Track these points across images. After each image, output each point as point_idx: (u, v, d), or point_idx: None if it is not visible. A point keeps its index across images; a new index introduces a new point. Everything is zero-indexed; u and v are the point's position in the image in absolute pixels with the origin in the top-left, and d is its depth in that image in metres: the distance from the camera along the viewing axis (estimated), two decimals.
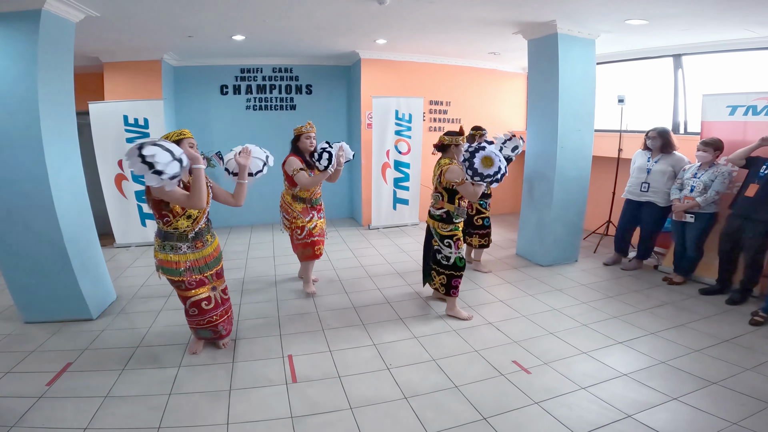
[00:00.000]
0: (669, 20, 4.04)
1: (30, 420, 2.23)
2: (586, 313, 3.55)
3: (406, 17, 4.29)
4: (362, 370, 2.74)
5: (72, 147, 3.48)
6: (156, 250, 2.67)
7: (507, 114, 7.37)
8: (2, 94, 3.01)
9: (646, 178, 4.39)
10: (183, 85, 6.38)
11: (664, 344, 3.03)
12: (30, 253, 3.22)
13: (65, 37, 3.37)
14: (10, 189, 3.10)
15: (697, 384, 2.55)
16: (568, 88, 4.43)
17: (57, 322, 3.35)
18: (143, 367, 2.77)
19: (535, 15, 4.11)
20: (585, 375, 2.66)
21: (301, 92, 6.80)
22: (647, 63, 5.59)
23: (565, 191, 4.63)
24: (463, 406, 2.38)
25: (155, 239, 2.68)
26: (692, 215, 4.00)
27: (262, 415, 2.30)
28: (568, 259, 4.85)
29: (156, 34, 4.71)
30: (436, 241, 3.44)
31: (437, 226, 3.41)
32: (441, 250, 3.43)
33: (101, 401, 2.40)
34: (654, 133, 4.34)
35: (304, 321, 3.45)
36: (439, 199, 3.37)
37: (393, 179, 6.41)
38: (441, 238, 3.41)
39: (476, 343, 3.08)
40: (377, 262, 4.96)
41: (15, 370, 2.72)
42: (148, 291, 4.07)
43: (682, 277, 4.17)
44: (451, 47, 5.87)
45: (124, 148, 5.21)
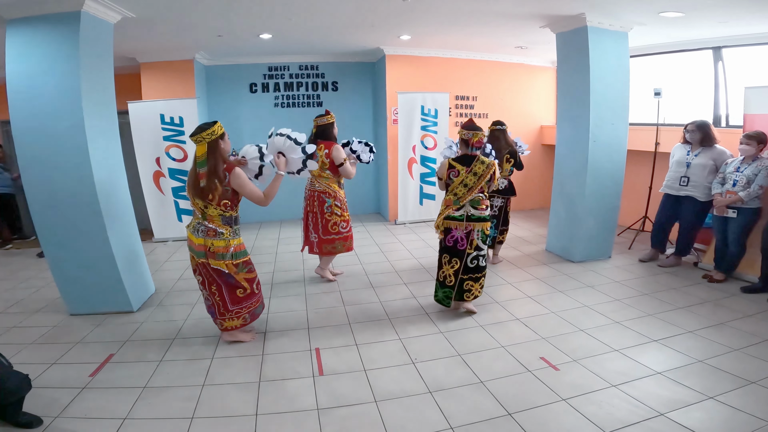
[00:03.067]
0: (705, 12, 3.88)
1: (73, 410, 2.34)
2: (619, 311, 3.45)
3: (429, 13, 4.27)
4: (387, 364, 2.76)
5: (114, 145, 3.64)
6: (228, 239, 2.80)
7: (535, 108, 7.23)
8: (48, 94, 3.18)
9: (686, 172, 4.22)
10: (214, 84, 6.58)
11: (702, 343, 2.92)
12: (76, 248, 3.40)
13: (104, 38, 3.53)
14: (57, 187, 3.28)
15: (734, 383, 2.45)
16: (600, 81, 4.30)
17: (100, 314, 3.53)
18: (179, 358, 2.88)
19: (563, 8, 4.01)
20: (616, 372, 2.60)
21: (327, 89, 6.88)
22: (686, 55, 5.38)
23: (598, 185, 4.50)
24: (488, 401, 2.37)
25: (225, 228, 2.79)
26: (734, 210, 3.82)
27: (290, 406, 2.36)
28: (600, 255, 4.72)
29: (188, 34, 4.87)
30: (477, 245, 3.23)
31: (485, 227, 3.25)
32: (480, 253, 3.27)
33: (140, 392, 2.50)
34: (693, 126, 4.17)
35: (330, 315, 3.51)
36: (483, 199, 3.23)
37: (419, 174, 6.39)
38: (485, 239, 3.28)
39: (503, 338, 3.06)
40: (404, 257, 4.98)
41: (60, 361, 2.86)
42: (184, 284, 4.23)
43: (724, 275, 3.99)
44: (477, 42, 5.80)
45: (162, 146, 5.46)
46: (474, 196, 3.18)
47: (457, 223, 3.21)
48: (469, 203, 3.19)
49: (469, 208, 3.20)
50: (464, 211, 3.20)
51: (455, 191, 3.20)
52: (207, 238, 2.76)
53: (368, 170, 7.11)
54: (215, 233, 2.77)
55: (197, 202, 2.76)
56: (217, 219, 2.78)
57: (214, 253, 2.78)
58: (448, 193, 3.25)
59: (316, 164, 3.37)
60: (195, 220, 2.83)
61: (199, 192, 2.71)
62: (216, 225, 2.77)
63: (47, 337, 3.20)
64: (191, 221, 2.87)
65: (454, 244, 3.23)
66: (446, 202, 3.27)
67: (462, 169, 3.18)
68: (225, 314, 2.93)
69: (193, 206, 2.81)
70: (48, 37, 3.15)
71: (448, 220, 3.23)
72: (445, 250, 3.30)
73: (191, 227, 2.83)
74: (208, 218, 2.78)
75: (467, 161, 3.20)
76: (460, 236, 3.22)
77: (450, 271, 3.27)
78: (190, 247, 2.85)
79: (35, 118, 3.19)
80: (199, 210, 2.78)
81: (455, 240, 3.23)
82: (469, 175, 3.15)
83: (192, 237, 2.81)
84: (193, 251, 2.83)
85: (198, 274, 2.91)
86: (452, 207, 3.21)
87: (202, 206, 2.76)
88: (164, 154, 5.51)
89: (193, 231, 2.81)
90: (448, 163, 3.24)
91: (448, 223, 3.23)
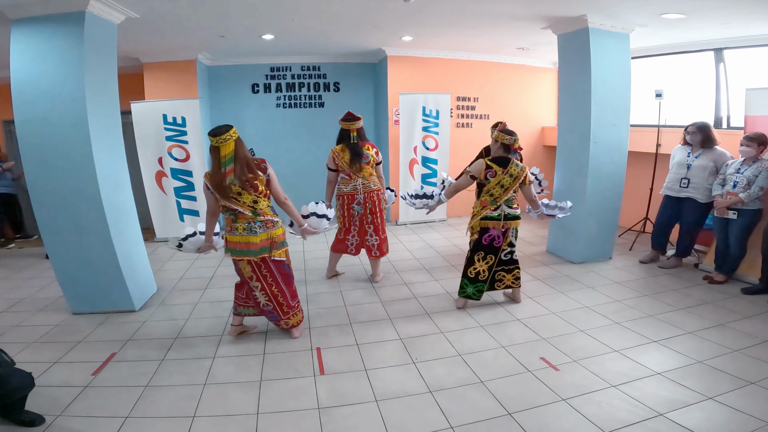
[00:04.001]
0: (707, 14, 3.89)
1: (75, 409, 2.35)
2: (620, 311, 3.46)
3: (431, 14, 4.28)
4: (388, 364, 2.78)
5: (117, 145, 3.66)
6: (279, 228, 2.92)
7: (537, 109, 7.24)
8: (52, 93, 3.20)
9: (686, 173, 4.22)
10: (216, 84, 6.60)
11: (702, 343, 2.93)
12: (79, 247, 3.42)
13: (108, 38, 3.55)
14: (61, 185, 3.30)
15: (734, 384, 2.46)
16: (602, 82, 4.31)
17: (103, 313, 3.55)
18: (181, 357, 2.90)
19: (565, 10, 4.02)
20: (616, 373, 2.60)
21: (329, 90, 6.89)
22: (687, 57, 5.38)
23: (599, 186, 4.51)
24: (488, 401, 2.38)
25: (273, 216, 2.90)
26: (735, 212, 3.83)
27: (291, 405, 2.37)
28: (601, 256, 4.73)
29: (191, 35, 4.89)
30: (510, 242, 3.43)
31: (518, 225, 3.43)
32: (513, 249, 3.47)
33: (142, 390, 2.52)
34: (693, 128, 4.17)
35: (332, 315, 3.52)
36: (515, 198, 3.39)
37: (420, 175, 6.40)
38: (516, 235, 3.45)
39: (503, 339, 3.07)
40: (405, 257, 4.99)
41: (63, 359, 2.88)
42: (186, 284, 4.24)
43: (724, 276, 3.99)
44: (478, 43, 5.82)
45: (164, 146, 5.48)
46: (509, 196, 3.33)
47: (495, 222, 3.35)
48: (504, 203, 3.33)
49: (505, 207, 3.34)
50: (501, 211, 3.33)
51: (491, 192, 3.31)
52: (268, 231, 2.86)
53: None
54: (273, 224, 2.88)
55: (244, 199, 2.78)
56: (268, 210, 2.88)
57: (277, 242, 2.90)
58: (484, 194, 3.35)
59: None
60: (242, 223, 2.81)
61: (247, 186, 2.78)
62: (270, 215, 2.88)
63: (50, 336, 3.22)
64: (235, 227, 2.82)
65: (491, 243, 3.39)
66: (482, 203, 3.37)
67: (499, 170, 3.29)
68: (289, 311, 3.03)
69: (237, 207, 2.78)
70: (52, 37, 3.17)
71: (486, 220, 3.35)
72: (480, 248, 3.41)
73: (242, 231, 2.81)
74: (260, 212, 2.83)
75: (503, 163, 3.31)
76: (497, 235, 3.37)
77: (484, 266, 3.42)
78: (246, 251, 2.83)
79: (39, 118, 3.21)
80: (249, 208, 2.80)
81: (492, 238, 3.38)
82: (506, 176, 3.28)
83: (251, 238, 2.81)
84: (252, 253, 2.83)
85: (256, 280, 2.92)
86: (489, 207, 3.33)
87: (251, 202, 2.80)
88: (167, 154, 5.53)
89: (248, 233, 2.81)
90: (486, 163, 3.33)
91: (486, 223, 3.36)
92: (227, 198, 2.77)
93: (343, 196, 3.99)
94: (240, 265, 2.91)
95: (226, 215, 2.88)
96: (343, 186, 3.98)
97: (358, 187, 3.94)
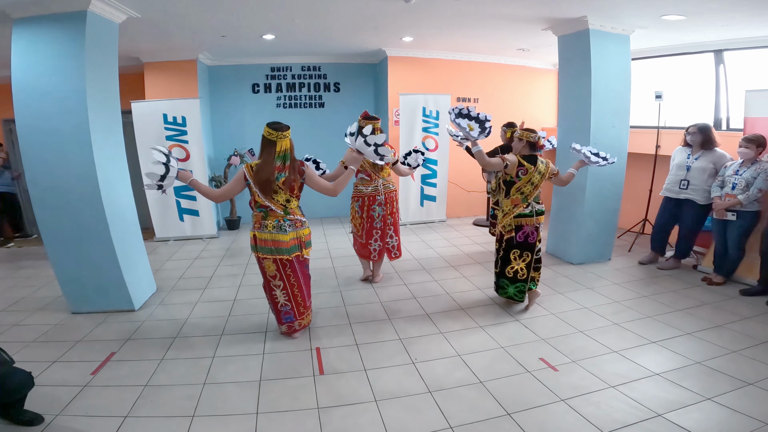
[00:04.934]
0: (707, 16, 3.90)
1: (74, 408, 2.35)
2: (619, 312, 3.47)
3: (432, 15, 4.29)
4: (388, 364, 2.78)
5: (118, 144, 3.67)
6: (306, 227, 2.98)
7: (537, 110, 7.24)
8: (53, 92, 3.20)
9: (686, 175, 4.23)
10: (217, 84, 6.60)
11: (701, 345, 2.94)
12: (78, 246, 3.42)
13: (109, 38, 3.55)
14: (61, 184, 3.30)
15: (732, 384, 2.47)
16: (602, 84, 4.32)
17: (102, 313, 3.55)
18: (180, 357, 2.90)
19: (566, 11, 4.03)
20: (615, 374, 2.61)
21: (329, 90, 6.90)
22: (687, 58, 5.39)
23: (599, 188, 4.52)
24: (488, 401, 2.38)
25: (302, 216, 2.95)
26: (734, 213, 3.84)
27: (290, 405, 2.37)
28: (600, 257, 4.74)
29: (192, 34, 4.90)
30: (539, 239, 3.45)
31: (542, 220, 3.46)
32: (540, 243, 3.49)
33: (141, 390, 2.52)
34: (694, 128, 4.18)
35: (331, 314, 3.52)
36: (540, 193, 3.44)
37: (420, 176, 6.41)
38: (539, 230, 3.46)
39: (502, 339, 3.07)
40: (404, 258, 4.97)
41: (62, 359, 2.88)
42: (185, 284, 4.25)
43: (723, 278, 4.00)
44: (479, 44, 5.82)
45: (165, 146, 5.46)
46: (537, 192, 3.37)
47: (528, 219, 3.37)
48: (533, 200, 3.37)
49: (534, 204, 3.38)
50: (531, 207, 3.37)
51: (522, 189, 3.34)
52: (297, 230, 2.90)
53: None
54: (301, 223, 2.93)
55: (278, 197, 2.82)
56: (297, 210, 2.92)
57: (305, 242, 2.95)
58: (514, 193, 3.36)
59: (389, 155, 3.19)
60: (272, 221, 2.83)
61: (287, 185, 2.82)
62: (299, 215, 2.92)
63: (49, 335, 3.22)
64: (264, 224, 2.83)
65: (525, 239, 3.39)
66: (513, 201, 3.37)
67: (531, 168, 3.32)
68: (304, 312, 3.06)
69: (270, 204, 2.81)
70: (54, 37, 3.17)
71: (520, 217, 3.37)
72: (516, 246, 3.41)
73: (271, 228, 2.82)
74: (290, 211, 2.87)
75: (533, 161, 3.34)
76: (531, 231, 3.39)
77: (522, 264, 3.42)
78: (276, 249, 2.84)
79: (40, 117, 3.21)
80: (281, 206, 2.84)
81: (526, 235, 3.39)
82: (535, 173, 3.32)
83: (280, 236, 2.83)
84: (282, 251, 2.86)
85: (279, 279, 2.92)
86: (521, 205, 3.35)
87: (284, 201, 2.84)
88: None
89: (277, 231, 2.83)
90: (518, 160, 3.33)
91: (519, 220, 3.37)
92: (269, 194, 2.80)
93: (363, 198, 3.90)
94: (265, 263, 2.92)
95: (255, 212, 2.89)
96: (363, 187, 3.90)
97: (380, 188, 3.89)
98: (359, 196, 3.92)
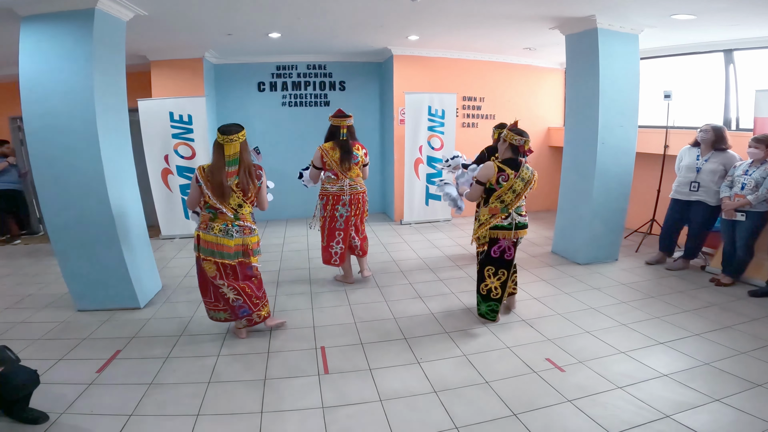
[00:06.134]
0: (717, 15, 3.86)
1: (79, 406, 2.35)
2: (626, 313, 3.44)
3: (439, 13, 4.27)
4: (393, 363, 2.77)
5: (125, 142, 3.67)
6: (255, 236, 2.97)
7: (543, 110, 7.22)
8: (61, 90, 3.20)
9: (696, 177, 4.18)
10: (223, 83, 6.62)
11: (709, 346, 2.91)
12: (85, 244, 3.43)
13: (117, 36, 3.55)
14: (68, 182, 3.31)
15: (741, 386, 2.45)
16: (610, 83, 4.29)
17: (107, 311, 3.56)
18: (185, 355, 2.90)
19: (574, 10, 4.00)
20: (622, 374, 2.59)
21: (334, 89, 6.90)
22: (696, 58, 5.35)
23: (606, 188, 4.49)
24: (493, 402, 2.37)
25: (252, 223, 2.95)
26: (743, 214, 3.80)
27: (295, 404, 2.37)
28: (607, 257, 4.70)
29: (198, 32, 4.90)
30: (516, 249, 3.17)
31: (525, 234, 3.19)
32: None
33: (146, 388, 2.51)
34: (708, 126, 4.12)
35: (336, 314, 3.52)
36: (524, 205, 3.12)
37: (425, 175, 6.39)
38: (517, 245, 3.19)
39: (508, 339, 3.05)
40: (409, 257, 4.98)
41: (68, 357, 2.88)
42: (190, 281, 4.25)
43: (731, 279, 3.96)
44: (485, 43, 5.80)
45: (170, 144, 5.51)
46: (520, 202, 3.04)
47: (505, 232, 3.04)
48: (514, 210, 3.04)
49: (515, 215, 3.04)
50: (511, 219, 3.03)
51: (503, 197, 2.99)
52: (244, 237, 2.87)
53: (374, 170, 7.12)
54: (250, 230, 2.90)
55: (230, 202, 2.79)
56: (248, 216, 2.90)
57: (252, 249, 2.91)
58: (493, 200, 3.02)
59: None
60: (219, 224, 2.80)
61: (241, 189, 2.80)
62: (249, 222, 2.90)
63: (55, 333, 3.23)
64: (211, 226, 2.81)
65: (501, 255, 3.08)
66: (491, 210, 3.03)
67: (511, 174, 2.96)
68: (258, 302, 3.01)
69: (222, 207, 2.78)
70: (62, 35, 3.17)
71: (496, 229, 3.04)
72: (490, 262, 3.10)
73: (217, 231, 2.80)
74: (241, 217, 2.84)
75: (515, 166, 2.99)
76: (507, 246, 3.07)
77: (497, 283, 3.11)
78: (218, 252, 2.82)
79: (48, 115, 3.22)
80: (232, 210, 2.81)
81: (502, 250, 3.07)
82: (518, 180, 2.97)
83: (225, 241, 2.80)
84: (224, 255, 2.83)
85: (222, 278, 2.89)
86: (500, 215, 3.01)
87: (236, 205, 2.81)
88: (173, 152, 5.55)
89: (223, 235, 2.80)
90: (497, 166, 2.98)
91: (495, 233, 3.05)
92: (221, 197, 2.76)
93: (327, 196, 3.84)
94: (204, 264, 2.88)
95: (204, 212, 2.85)
96: (329, 186, 3.84)
97: (345, 188, 3.81)
98: (324, 195, 3.87)
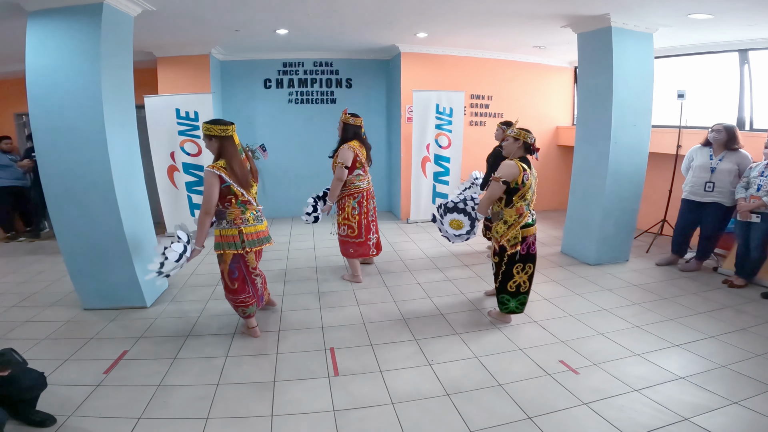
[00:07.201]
0: (734, 14, 3.79)
1: (87, 409, 2.31)
2: (639, 315, 3.39)
3: (448, 11, 4.21)
4: (403, 365, 2.73)
5: (132, 139, 3.63)
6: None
7: (552, 109, 7.14)
8: (68, 86, 3.16)
9: (711, 177, 4.11)
10: (229, 79, 6.58)
11: (724, 348, 2.86)
12: (92, 242, 3.39)
13: (125, 31, 3.51)
14: (75, 179, 3.27)
15: (758, 388, 2.40)
16: (623, 82, 4.22)
17: (114, 309, 3.53)
18: (193, 356, 2.86)
19: (587, 8, 3.93)
20: (638, 377, 2.54)
21: (341, 86, 6.85)
22: (711, 57, 5.26)
23: (618, 187, 4.43)
24: (508, 405, 2.32)
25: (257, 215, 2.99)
26: (758, 215, 3.73)
27: (305, 407, 2.32)
28: (618, 258, 4.64)
29: (206, 29, 4.86)
30: None
31: None
32: None
33: (155, 390, 2.48)
34: (720, 126, 4.06)
35: (344, 314, 3.47)
36: None
37: (433, 173, 6.34)
38: None
39: (520, 341, 3.00)
40: (417, 256, 4.94)
41: (74, 357, 2.84)
42: (197, 280, 4.22)
43: (744, 280, 3.90)
44: (494, 41, 5.74)
45: (177, 141, 5.47)
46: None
47: (531, 229, 3.07)
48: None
49: (532, 211, 3.09)
50: (532, 216, 3.08)
51: (525, 196, 2.97)
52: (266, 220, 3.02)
53: (380, 168, 7.07)
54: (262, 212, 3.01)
55: (253, 189, 2.90)
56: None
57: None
58: (518, 201, 2.97)
59: None
60: (249, 212, 2.86)
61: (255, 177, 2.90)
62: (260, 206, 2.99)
63: (61, 333, 3.19)
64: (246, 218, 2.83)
65: (528, 250, 3.09)
66: (518, 210, 2.99)
67: (529, 171, 2.97)
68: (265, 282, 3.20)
69: (250, 196, 2.86)
70: (69, 30, 3.13)
71: (526, 228, 3.03)
72: (519, 260, 3.07)
73: (252, 221, 2.86)
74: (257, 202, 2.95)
75: (528, 164, 3.01)
76: (532, 241, 3.10)
77: (525, 278, 3.12)
78: (263, 239, 2.91)
79: (54, 111, 3.18)
80: (254, 197, 2.90)
81: (528, 246, 3.08)
82: (532, 177, 3.01)
83: (261, 227, 2.91)
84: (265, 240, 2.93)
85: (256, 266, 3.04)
86: (526, 214, 3.00)
87: (254, 192, 2.92)
88: (179, 149, 5.51)
89: (258, 222, 2.90)
90: (519, 165, 2.92)
91: (525, 231, 3.03)
92: (247, 187, 2.82)
93: (360, 193, 3.91)
94: (248, 258, 2.92)
95: (234, 209, 2.82)
96: (360, 183, 3.91)
97: (362, 186, 3.93)
98: (357, 192, 3.90)
